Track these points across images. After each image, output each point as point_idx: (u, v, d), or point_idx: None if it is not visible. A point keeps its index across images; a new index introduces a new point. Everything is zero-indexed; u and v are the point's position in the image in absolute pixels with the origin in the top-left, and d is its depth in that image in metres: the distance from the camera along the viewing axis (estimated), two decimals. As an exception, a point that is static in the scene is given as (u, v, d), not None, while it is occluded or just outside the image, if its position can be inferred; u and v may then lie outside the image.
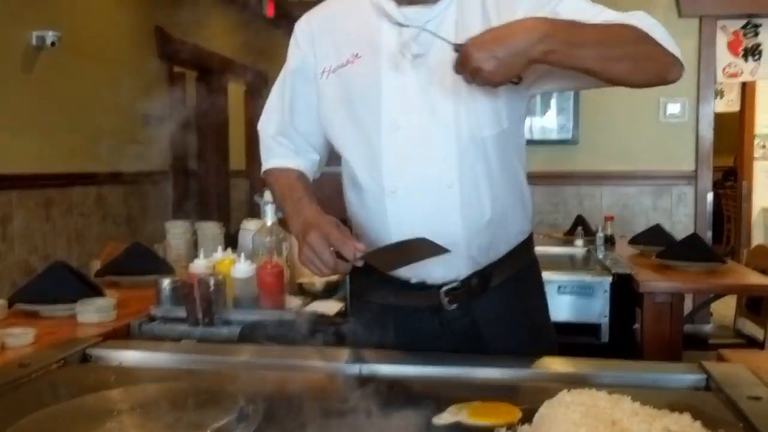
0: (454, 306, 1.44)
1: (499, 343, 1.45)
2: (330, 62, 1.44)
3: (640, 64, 1.26)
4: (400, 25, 1.34)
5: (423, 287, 1.44)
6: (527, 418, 1.07)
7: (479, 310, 1.45)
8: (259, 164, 1.62)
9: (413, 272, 1.43)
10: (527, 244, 1.52)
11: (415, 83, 1.35)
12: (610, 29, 1.23)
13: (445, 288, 1.43)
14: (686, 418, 1.01)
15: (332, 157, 1.58)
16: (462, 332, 1.46)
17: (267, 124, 1.59)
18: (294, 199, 1.45)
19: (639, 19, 1.27)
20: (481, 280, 1.44)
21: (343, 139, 1.46)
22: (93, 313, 1.84)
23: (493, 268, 1.45)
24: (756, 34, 4.76)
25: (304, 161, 1.56)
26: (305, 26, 1.51)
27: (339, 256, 1.30)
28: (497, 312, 1.46)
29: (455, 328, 1.46)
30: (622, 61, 1.23)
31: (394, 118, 1.36)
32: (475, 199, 1.38)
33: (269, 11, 7.04)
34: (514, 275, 1.48)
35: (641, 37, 1.24)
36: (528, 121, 4.96)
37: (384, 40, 1.37)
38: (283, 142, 1.56)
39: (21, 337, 1.63)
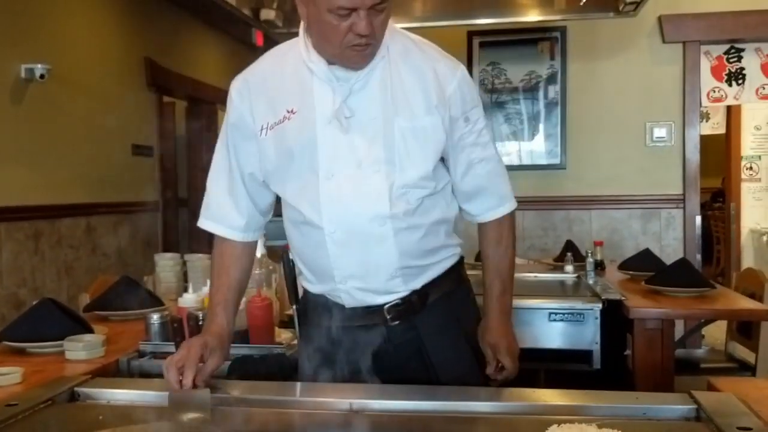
0: (397, 322, 1.58)
1: (440, 352, 1.60)
2: (267, 119, 1.54)
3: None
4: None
5: (368, 307, 1.58)
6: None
7: (421, 324, 1.59)
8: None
9: (357, 299, 1.57)
10: (458, 266, 1.68)
11: (348, 138, 1.49)
12: (510, 256, 1.69)
13: (387, 305, 1.57)
14: (676, 451, 1.01)
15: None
16: (405, 345, 1.60)
17: (215, 183, 1.67)
18: (213, 302, 1.60)
19: (502, 188, 1.67)
20: (419, 298, 1.59)
21: (284, 187, 1.58)
22: (81, 350, 1.82)
23: (428, 288, 1.60)
24: (739, 59, 4.83)
25: (237, 228, 1.64)
26: (241, 85, 1.59)
27: None
28: (437, 323, 1.61)
29: (399, 343, 1.59)
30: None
31: (328, 167, 1.50)
32: (409, 235, 1.53)
33: (258, 41, 7.08)
34: (447, 292, 1.63)
35: (513, 224, 1.69)
36: (516, 146, 5.01)
37: (317, 97, 1.50)
38: (228, 204, 1.64)
39: (9, 377, 1.62)
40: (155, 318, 1.85)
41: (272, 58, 1.60)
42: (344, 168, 1.49)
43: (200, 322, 1.75)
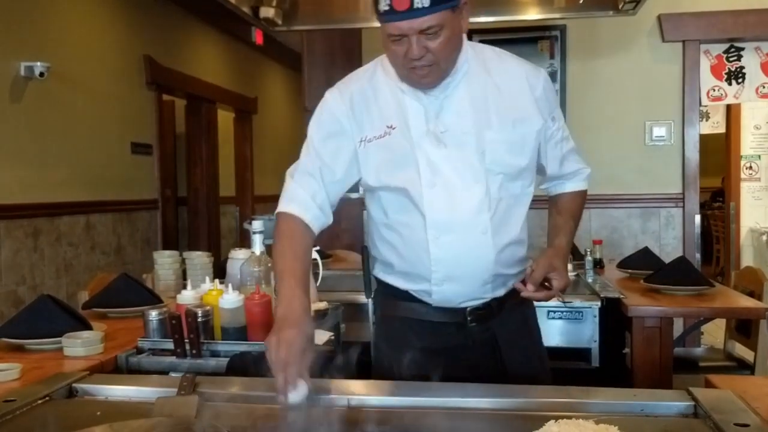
0: (474, 324, 1.69)
1: (513, 352, 1.72)
2: (366, 133, 1.64)
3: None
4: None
5: (449, 309, 1.69)
6: (515, 448, 1.07)
7: (497, 326, 1.72)
8: (251, 191, 1.67)
9: (446, 300, 1.68)
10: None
11: (445, 152, 1.59)
12: (579, 216, 1.85)
13: (469, 308, 1.69)
14: (673, 447, 1.01)
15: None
16: (483, 344, 1.71)
17: (300, 181, 1.66)
18: (287, 284, 1.49)
19: (580, 167, 1.83)
20: (498, 304, 1.71)
21: (387, 194, 1.67)
22: (79, 347, 1.82)
23: (507, 296, 1.72)
24: (739, 58, 4.83)
25: (318, 216, 1.64)
26: (339, 98, 1.66)
27: None
28: (510, 327, 1.73)
29: (477, 341, 1.71)
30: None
31: (430, 178, 1.60)
32: (504, 243, 1.65)
33: (258, 39, 7.08)
34: (520, 301, 1.72)
35: (583, 202, 1.86)
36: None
37: (410, 114, 1.61)
38: (308, 185, 1.64)
39: (7, 373, 1.62)
40: (154, 315, 1.85)
41: (364, 76, 1.68)
42: (446, 178, 1.59)
43: (198, 320, 1.75)
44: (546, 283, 1.65)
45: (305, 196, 1.63)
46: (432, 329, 1.70)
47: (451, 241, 1.61)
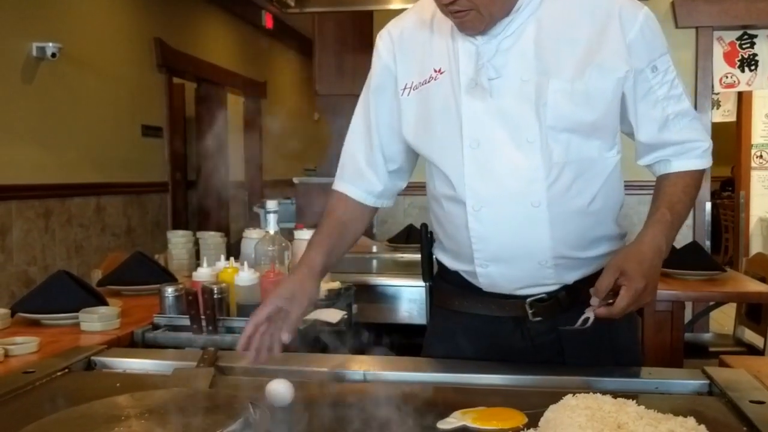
0: (539, 318, 1.40)
1: (579, 361, 1.41)
2: (412, 78, 1.41)
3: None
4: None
5: (508, 296, 1.41)
6: (532, 423, 1.07)
7: (564, 325, 1.35)
8: (260, 175, 1.63)
9: (497, 285, 1.41)
10: None
11: (495, 103, 1.32)
12: (689, 202, 1.41)
13: (530, 299, 1.40)
14: (691, 421, 1.01)
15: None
16: (545, 347, 1.43)
17: (352, 146, 1.53)
18: (312, 241, 1.46)
19: (700, 133, 1.42)
20: (569, 295, 1.40)
21: (425, 154, 1.44)
22: (96, 321, 1.84)
23: (581, 284, 1.37)
24: (752, 45, 4.80)
25: (373, 191, 1.52)
26: (387, 38, 1.47)
27: None
28: (581, 330, 1.32)
29: (538, 343, 1.43)
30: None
31: (474, 136, 1.33)
32: (567, 219, 1.34)
33: (268, 23, 7.07)
34: None
35: (696, 187, 1.43)
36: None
37: (461, 56, 1.34)
38: (366, 169, 1.50)
39: (25, 345, 1.64)
40: (170, 291, 1.86)
41: (418, 14, 1.45)
42: (492, 137, 1.32)
43: (214, 296, 1.76)
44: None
45: (350, 170, 1.51)
46: (487, 327, 1.45)
47: (494, 214, 1.33)
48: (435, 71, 1.37)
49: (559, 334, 1.40)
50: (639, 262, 1.26)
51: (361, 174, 1.50)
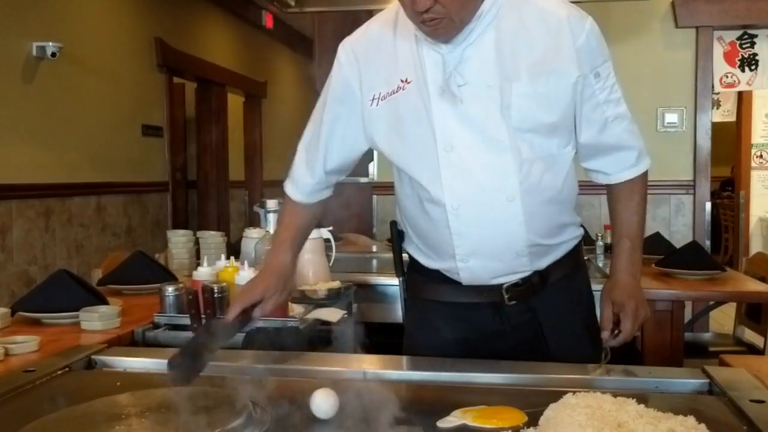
0: (514, 302, 1.51)
1: (558, 338, 1.53)
2: (379, 89, 1.47)
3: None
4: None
5: (484, 287, 1.51)
6: (532, 421, 1.07)
7: (539, 305, 1.52)
8: (260, 175, 1.65)
9: (477, 277, 1.50)
10: (579, 247, 1.61)
11: (464, 109, 1.39)
12: (641, 217, 1.58)
13: (506, 285, 1.50)
14: (691, 420, 1.01)
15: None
16: (523, 328, 1.54)
17: (302, 151, 1.61)
18: (274, 242, 1.59)
19: (636, 139, 1.57)
20: (541, 278, 1.52)
21: (401, 159, 1.50)
22: (97, 320, 1.84)
23: (551, 268, 1.52)
24: (752, 45, 4.80)
25: (313, 191, 1.61)
26: (350, 52, 1.51)
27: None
28: (555, 306, 1.53)
29: (516, 324, 1.53)
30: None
31: (447, 140, 1.41)
32: (537, 210, 1.44)
33: (268, 23, 7.07)
34: (567, 274, 1.56)
35: (642, 195, 1.61)
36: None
37: (428, 66, 1.41)
38: (306, 176, 1.59)
39: (26, 344, 1.64)
40: (170, 290, 1.86)
41: (380, 25, 1.51)
42: (464, 140, 1.40)
43: (215, 295, 1.76)
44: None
45: (301, 174, 1.59)
46: (465, 314, 1.54)
47: (473, 212, 1.42)
48: (402, 81, 1.44)
49: (534, 314, 1.53)
50: (621, 288, 1.50)
51: (299, 173, 1.60)
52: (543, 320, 1.53)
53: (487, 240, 1.45)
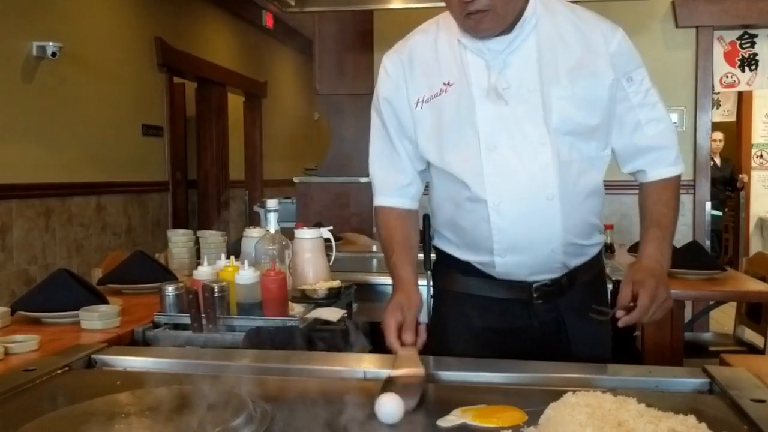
0: (541, 301, 1.59)
1: (580, 334, 1.61)
2: (423, 93, 1.55)
3: None
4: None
5: (515, 283, 1.59)
6: (533, 420, 1.07)
7: (564, 305, 1.60)
8: (260, 175, 1.65)
9: (511, 273, 1.57)
10: (601, 253, 1.70)
11: (508, 110, 1.48)
12: (673, 213, 1.60)
13: (536, 284, 1.58)
14: (692, 419, 1.01)
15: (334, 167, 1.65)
16: (548, 324, 1.61)
17: (378, 162, 1.67)
18: (391, 261, 1.61)
19: (671, 136, 1.61)
20: (569, 279, 1.60)
21: (443, 159, 1.56)
22: (97, 320, 1.84)
23: (578, 270, 1.61)
24: (752, 45, 4.81)
25: (410, 194, 1.66)
26: (396, 60, 1.60)
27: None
28: (578, 306, 1.59)
29: (543, 320, 1.61)
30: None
31: (490, 140, 1.49)
32: (573, 210, 1.52)
33: (268, 23, 7.08)
34: (591, 278, 1.65)
35: (675, 194, 1.63)
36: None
37: (471, 70, 1.50)
38: (391, 178, 1.65)
39: (26, 344, 1.63)
40: (170, 289, 1.86)
41: (423, 34, 1.60)
42: (507, 140, 1.48)
43: (215, 295, 1.76)
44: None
45: (387, 182, 1.65)
46: (494, 307, 1.61)
47: (514, 208, 1.49)
48: (444, 84, 1.53)
49: (558, 312, 1.60)
50: (645, 269, 1.49)
51: (396, 186, 1.65)
52: (566, 317, 1.61)
53: (525, 236, 1.52)
